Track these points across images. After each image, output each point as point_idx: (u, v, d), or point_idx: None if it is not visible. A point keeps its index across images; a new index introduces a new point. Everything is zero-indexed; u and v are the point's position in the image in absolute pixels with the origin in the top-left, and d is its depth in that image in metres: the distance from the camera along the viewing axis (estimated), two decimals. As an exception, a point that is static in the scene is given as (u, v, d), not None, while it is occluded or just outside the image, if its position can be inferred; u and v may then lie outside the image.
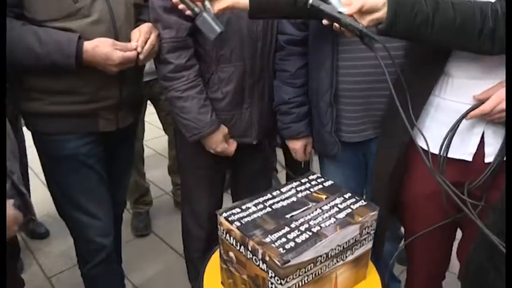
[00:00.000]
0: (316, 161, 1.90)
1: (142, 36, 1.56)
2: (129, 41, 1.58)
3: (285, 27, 1.67)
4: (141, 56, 1.56)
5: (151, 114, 2.84)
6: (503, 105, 1.16)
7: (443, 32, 1.13)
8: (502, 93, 1.17)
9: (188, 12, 1.40)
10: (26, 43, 1.42)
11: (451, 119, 1.27)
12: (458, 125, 1.26)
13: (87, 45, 1.47)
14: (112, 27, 1.55)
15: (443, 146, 1.28)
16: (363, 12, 1.13)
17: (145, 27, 1.60)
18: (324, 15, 1.18)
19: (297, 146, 1.78)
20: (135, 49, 1.54)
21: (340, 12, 1.14)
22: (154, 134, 3.94)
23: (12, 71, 1.50)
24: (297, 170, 2.17)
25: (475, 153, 1.28)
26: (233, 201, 2.09)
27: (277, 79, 1.74)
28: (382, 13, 1.12)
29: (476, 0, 1.16)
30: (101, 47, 1.48)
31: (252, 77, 1.70)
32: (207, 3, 1.36)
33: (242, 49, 1.65)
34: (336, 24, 1.19)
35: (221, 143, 1.71)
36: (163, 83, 1.66)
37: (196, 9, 1.37)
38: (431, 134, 1.32)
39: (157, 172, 3.50)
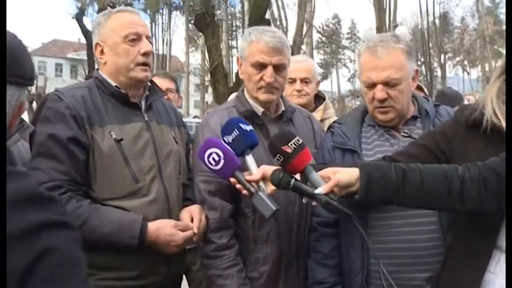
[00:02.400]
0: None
1: (196, 219, 1.71)
2: (179, 219, 1.72)
3: (318, 209, 1.75)
4: (195, 238, 1.69)
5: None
6: None
7: (413, 196, 1.29)
8: None
9: (244, 191, 1.51)
10: (92, 222, 1.55)
11: None
12: None
13: (151, 226, 1.60)
14: (166, 206, 1.71)
15: None
16: (339, 187, 1.32)
17: (196, 209, 1.76)
18: (303, 194, 1.38)
19: (331, 323, 1.76)
20: (192, 229, 1.67)
21: (317, 193, 1.33)
22: (184, 304, 3.86)
23: None
24: None
25: None
26: None
27: (310, 259, 1.81)
28: (356, 187, 1.32)
29: (442, 165, 1.32)
30: (165, 228, 1.62)
31: (287, 256, 1.80)
32: (261, 183, 1.49)
33: (278, 230, 1.77)
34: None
35: None
36: (204, 260, 1.76)
37: (252, 189, 1.48)
38: None
39: None
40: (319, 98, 2.80)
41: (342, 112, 21.53)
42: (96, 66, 1.87)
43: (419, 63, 25.06)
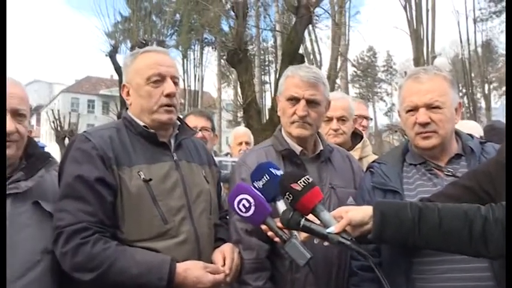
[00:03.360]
0: None
1: (229, 259, 1.70)
2: (211, 260, 1.71)
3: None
4: (228, 279, 1.67)
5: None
6: None
7: (431, 237, 1.25)
8: None
9: (276, 239, 1.51)
10: (120, 263, 1.55)
11: None
12: None
13: (179, 267, 1.59)
14: (197, 247, 1.70)
15: None
16: (352, 226, 1.31)
17: (228, 248, 1.75)
18: (314, 235, 1.36)
19: None
20: (223, 271, 1.66)
21: (329, 232, 1.32)
22: None
23: None
24: None
25: None
26: None
27: (351, 305, 1.78)
28: (370, 225, 1.30)
29: (462, 204, 1.28)
30: (193, 270, 1.60)
31: (326, 301, 1.78)
32: (293, 230, 1.48)
33: (316, 274, 1.75)
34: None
35: None
36: None
37: (284, 236, 1.47)
38: None
39: None
40: (356, 136, 2.78)
41: (380, 147, 21.20)
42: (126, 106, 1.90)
43: (460, 94, 24.63)
